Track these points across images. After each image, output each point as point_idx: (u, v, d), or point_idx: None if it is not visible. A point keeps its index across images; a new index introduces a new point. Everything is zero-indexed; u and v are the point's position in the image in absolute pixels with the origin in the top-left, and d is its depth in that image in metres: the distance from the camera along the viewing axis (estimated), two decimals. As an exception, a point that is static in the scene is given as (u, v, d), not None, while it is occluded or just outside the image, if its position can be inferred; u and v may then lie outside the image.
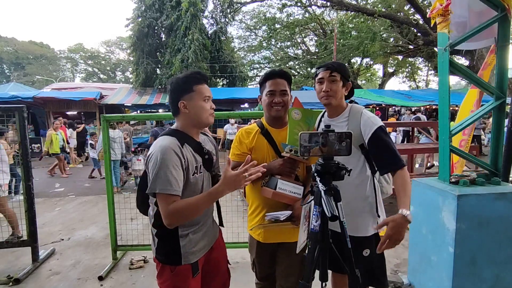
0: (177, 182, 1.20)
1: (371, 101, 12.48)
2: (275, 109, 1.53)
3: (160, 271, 1.36)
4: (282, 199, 1.44)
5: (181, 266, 1.31)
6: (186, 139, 1.31)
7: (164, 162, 1.19)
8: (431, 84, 22.56)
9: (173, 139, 1.26)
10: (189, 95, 1.30)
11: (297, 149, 1.42)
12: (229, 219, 3.08)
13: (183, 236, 1.32)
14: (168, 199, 1.18)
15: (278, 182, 1.42)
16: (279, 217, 1.44)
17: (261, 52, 20.20)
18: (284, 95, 1.53)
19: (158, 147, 1.23)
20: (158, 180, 1.18)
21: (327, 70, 1.47)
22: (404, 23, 10.60)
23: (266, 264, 1.68)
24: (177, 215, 1.19)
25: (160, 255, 1.35)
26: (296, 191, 1.46)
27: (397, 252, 3.08)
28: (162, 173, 1.18)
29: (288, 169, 1.46)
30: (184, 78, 1.32)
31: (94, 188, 6.37)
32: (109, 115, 2.92)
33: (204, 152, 1.37)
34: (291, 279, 1.56)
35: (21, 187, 2.88)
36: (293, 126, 1.48)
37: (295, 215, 1.44)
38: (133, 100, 12.83)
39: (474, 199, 1.89)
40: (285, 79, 1.55)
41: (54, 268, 2.90)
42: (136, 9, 14.88)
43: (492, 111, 2.17)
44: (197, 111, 1.31)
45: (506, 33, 2.06)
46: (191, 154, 1.30)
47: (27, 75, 31.27)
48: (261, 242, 1.62)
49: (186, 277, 1.32)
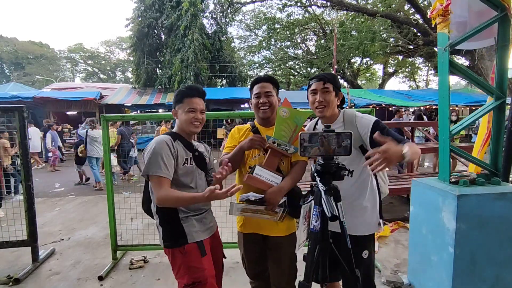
0: (167, 167, 1.42)
1: (371, 101, 12.49)
2: (262, 110, 1.62)
3: (172, 259, 1.49)
4: (256, 183, 1.50)
5: (189, 245, 1.46)
6: (178, 137, 1.56)
7: (156, 151, 1.42)
8: (431, 84, 22.57)
9: (167, 136, 1.52)
10: (179, 105, 1.57)
11: (280, 142, 1.52)
12: (229, 218, 3.08)
13: (183, 219, 1.49)
14: (159, 180, 1.40)
15: (256, 167, 1.51)
16: (249, 196, 1.52)
17: (261, 52, 20.18)
18: (269, 96, 1.62)
19: (154, 141, 1.50)
20: (151, 165, 1.41)
21: (320, 81, 1.51)
22: (404, 23, 10.60)
23: (255, 259, 1.72)
24: (165, 201, 1.40)
25: (167, 241, 1.49)
26: (273, 179, 1.52)
27: (397, 252, 3.08)
28: (153, 159, 1.41)
29: (257, 143, 1.53)
30: (179, 90, 1.60)
31: (94, 188, 6.37)
32: (109, 115, 2.91)
33: (194, 149, 1.60)
34: (283, 278, 1.62)
35: (21, 187, 2.87)
36: (280, 123, 1.54)
37: (266, 198, 1.50)
38: (133, 100, 12.85)
39: (474, 199, 1.89)
40: (271, 83, 1.65)
41: (54, 268, 2.90)
42: (136, 9, 14.88)
43: (492, 111, 2.17)
44: (181, 119, 1.57)
45: (506, 33, 2.06)
46: (182, 147, 1.54)
47: (27, 75, 31.26)
48: (246, 233, 1.68)
49: (197, 256, 1.46)
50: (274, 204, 1.50)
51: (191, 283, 1.41)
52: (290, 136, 1.53)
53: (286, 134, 1.53)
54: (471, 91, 15.24)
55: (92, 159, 6.34)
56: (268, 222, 1.57)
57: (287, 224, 1.61)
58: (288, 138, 1.54)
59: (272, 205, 1.50)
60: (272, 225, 1.58)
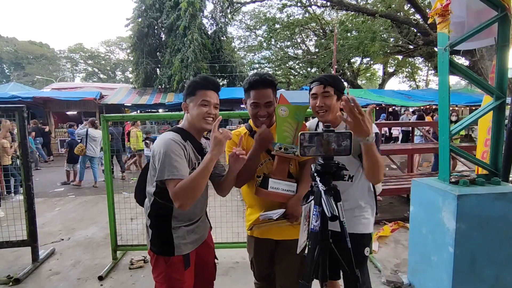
0: (183, 168, 1.28)
1: (371, 101, 12.48)
2: (260, 121, 1.51)
3: (154, 263, 1.42)
4: (275, 198, 1.45)
5: (174, 257, 1.37)
6: (188, 137, 1.41)
7: (168, 152, 1.27)
8: (431, 84, 22.57)
9: (177, 135, 1.36)
10: (191, 98, 1.41)
11: (286, 147, 1.44)
12: (229, 219, 3.09)
13: (175, 228, 1.39)
14: (177, 183, 1.25)
15: (270, 181, 1.43)
16: (272, 216, 1.44)
17: (261, 52, 20.18)
18: (269, 106, 1.49)
19: (163, 140, 1.32)
20: (165, 168, 1.26)
21: (320, 85, 1.45)
22: (404, 23, 10.59)
23: (265, 263, 1.68)
24: (182, 192, 1.24)
25: (154, 246, 1.41)
26: (289, 188, 1.46)
27: (397, 252, 3.08)
28: (167, 161, 1.26)
29: (266, 140, 1.45)
30: (191, 81, 1.43)
31: (94, 188, 6.38)
32: (109, 115, 2.92)
33: (204, 152, 1.44)
34: (290, 279, 1.55)
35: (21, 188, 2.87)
36: (281, 123, 1.46)
37: (288, 212, 1.44)
38: (133, 100, 12.85)
39: (474, 199, 1.89)
40: (270, 87, 1.50)
41: (54, 268, 2.90)
42: (136, 9, 14.87)
43: (492, 111, 2.16)
44: (193, 114, 1.40)
45: (506, 33, 2.05)
46: (192, 151, 1.40)
47: (27, 75, 31.26)
48: (259, 238, 1.62)
49: (180, 268, 1.39)
50: (298, 216, 1.43)
51: None
52: (294, 135, 1.46)
53: (289, 135, 1.47)
54: (471, 91, 15.25)
55: (93, 158, 6.51)
56: (285, 227, 1.51)
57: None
58: (292, 138, 1.46)
59: (296, 217, 1.44)
60: (288, 230, 1.52)
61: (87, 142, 6.34)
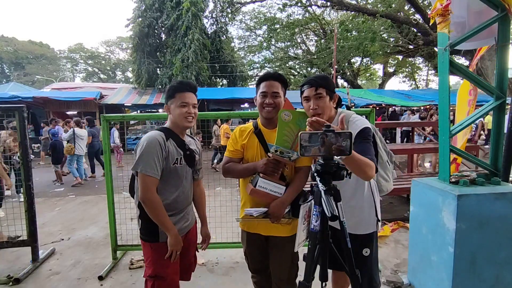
0: (157, 167, 1.47)
1: (371, 101, 12.49)
2: (266, 110, 1.57)
3: (144, 249, 1.63)
4: (260, 196, 1.51)
5: (159, 243, 1.56)
6: (171, 135, 1.59)
7: (148, 148, 1.46)
8: (431, 84, 22.58)
9: (160, 133, 1.54)
10: (171, 101, 1.59)
11: (282, 150, 1.49)
12: (228, 218, 3.09)
13: None
14: (147, 179, 1.46)
15: (259, 180, 1.50)
16: (253, 213, 1.54)
17: (261, 52, 20.17)
18: (276, 97, 1.56)
19: (147, 136, 1.51)
20: (141, 162, 1.45)
21: (311, 87, 1.45)
22: (404, 23, 10.59)
23: (257, 257, 1.74)
24: (148, 205, 1.48)
25: (143, 234, 1.61)
26: (276, 190, 1.51)
27: (397, 252, 3.08)
28: (145, 156, 1.46)
29: (271, 169, 1.51)
30: (170, 86, 1.62)
31: (94, 188, 6.38)
32: (109, 115, 2.91)
33: (185, 148, 1.63)
34: (283, 276, 1.64)
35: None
36: (283, 128, 1.48)
37: (270, 212, 1.52)
38: (133, 100, 12.84)
39: (474, 199, 1.89)
40: (279, 82, 1.59)
41: (54, 268, 2.90)
42: (136, 9, 14.84)
43: (492, 111, 2.17)
44: (175, 114, 1.58)
45: (506, 33, 2.05)
46: (173, 147, 1.57)
47: (27, 75, 31.27)
48: (249, 232, 1.70)
49: (164, 254, 1.56)
50: (278, 218, 1.51)
51: (154, 275, 1.56)
52: (293, 141, 1.49)
53: (289, 139, 1.49)
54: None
55: (80, 156, 6.83)
56: (271, 224, 1.57)
57: (292, 224, 1.61)
58: (290, 143, 1.49)
59: (276, 218, 1.51)
60: (272, 226, 1.59)
61: (75, 141, 6.58)
